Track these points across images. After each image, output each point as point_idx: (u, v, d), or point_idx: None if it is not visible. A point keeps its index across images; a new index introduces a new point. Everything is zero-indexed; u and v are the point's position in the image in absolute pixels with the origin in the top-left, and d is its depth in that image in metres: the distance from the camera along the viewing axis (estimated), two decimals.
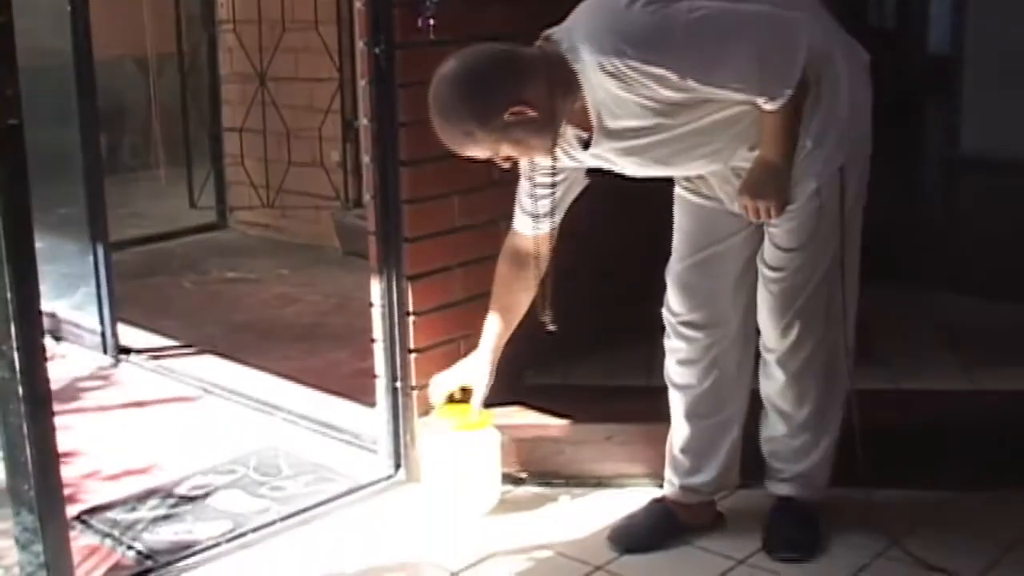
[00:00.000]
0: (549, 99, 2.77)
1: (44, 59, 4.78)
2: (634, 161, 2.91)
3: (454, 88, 2.76)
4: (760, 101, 2.76)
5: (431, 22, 3.33)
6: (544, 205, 3.09)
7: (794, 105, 2.78)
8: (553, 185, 3.02)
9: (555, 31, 2.82)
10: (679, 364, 3.18)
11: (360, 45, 3.43)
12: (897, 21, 5.07)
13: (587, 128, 2.87)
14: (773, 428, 3.19)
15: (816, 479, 3.19)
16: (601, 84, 2.75)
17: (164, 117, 7.48)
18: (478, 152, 2.81)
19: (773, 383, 3.12)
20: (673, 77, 2.69)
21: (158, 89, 7.51)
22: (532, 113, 2.74)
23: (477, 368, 3.30)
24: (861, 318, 3.08)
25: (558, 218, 3.14)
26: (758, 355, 3.15)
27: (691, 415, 3.19)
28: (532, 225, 3.13)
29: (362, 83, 3.46)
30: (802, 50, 2.73)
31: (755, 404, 3.19)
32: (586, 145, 2.89)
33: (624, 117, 2.80)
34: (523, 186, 3.10)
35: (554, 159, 2.91)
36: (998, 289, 4.25)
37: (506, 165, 2.88)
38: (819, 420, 3.11)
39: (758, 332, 3.11)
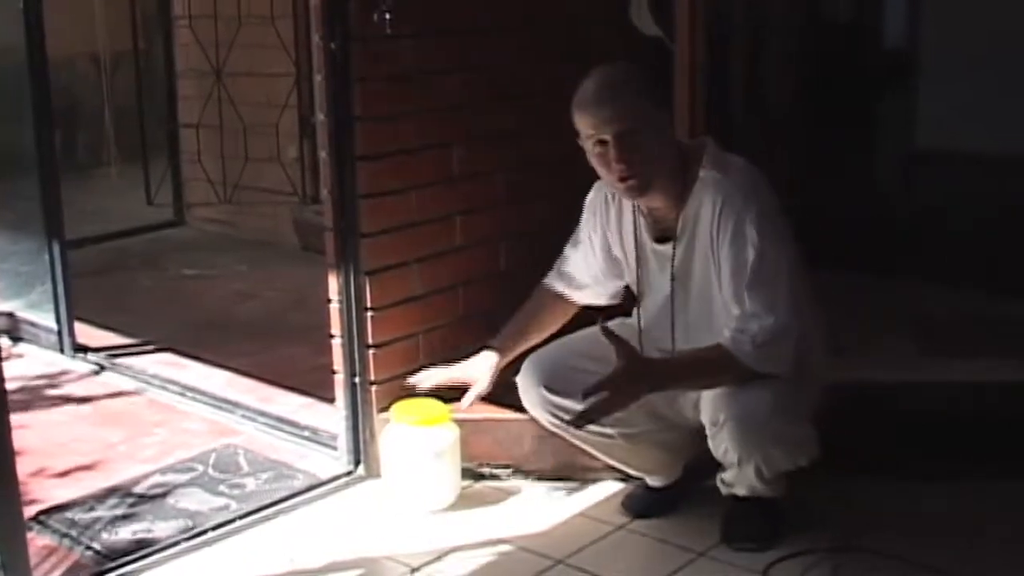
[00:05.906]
0: (664, 161, 2.93)
1: None
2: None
3: (635, 72, 2.95)
4: (734, 335, 2.85)
5: (387, 16, 3.32)
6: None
7: (736, 374, 2.85)
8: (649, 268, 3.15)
9: (711, 144, 2.99)
10: None
11: (316, 39, 3.41)
12: (856, 16, 5.11)
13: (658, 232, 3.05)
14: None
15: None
16: (704, 200, 2.91)
17: (120, 114, 7.44)
18: (610, 112, 2.85)
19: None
20: (753, 233, 2.83)
21: (114, 86, 7.46)
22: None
23: (482, 370, 3.30)
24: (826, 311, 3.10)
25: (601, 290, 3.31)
26: None
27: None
28: (592, 293, 3.30)
29: (318, 78, 3.44)
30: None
31: None
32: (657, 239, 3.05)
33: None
34: (585, 262, 3.26)
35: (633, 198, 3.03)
36: (963, 279, 4.26)
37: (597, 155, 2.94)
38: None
39: None
